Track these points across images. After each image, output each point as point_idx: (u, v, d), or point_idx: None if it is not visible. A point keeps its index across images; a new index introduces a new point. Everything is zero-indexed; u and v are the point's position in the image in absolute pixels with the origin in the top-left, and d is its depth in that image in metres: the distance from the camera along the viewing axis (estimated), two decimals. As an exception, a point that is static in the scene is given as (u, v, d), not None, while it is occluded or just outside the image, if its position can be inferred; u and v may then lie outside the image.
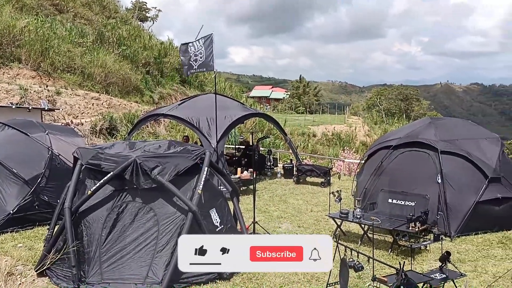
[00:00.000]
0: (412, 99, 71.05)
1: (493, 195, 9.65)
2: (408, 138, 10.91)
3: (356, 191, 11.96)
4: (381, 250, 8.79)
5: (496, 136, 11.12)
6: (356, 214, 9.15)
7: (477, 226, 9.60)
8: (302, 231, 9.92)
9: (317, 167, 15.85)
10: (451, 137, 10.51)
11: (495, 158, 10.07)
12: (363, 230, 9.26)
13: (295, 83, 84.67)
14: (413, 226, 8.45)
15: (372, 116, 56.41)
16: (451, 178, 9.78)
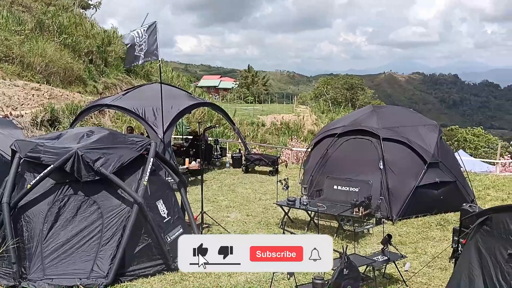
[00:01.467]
0: (357, 88, 72.96)
1: (431, 180, 10.10)
2: (352, 126, 11.21)
3: (303, 178, 12.17)
4: (327, 235, 9.00)
5: (434, 123, 11.63)
6: (302, 201, 9.33)
7: (417, 209, 10.03)
8: (251, 220, 9.99)
9: (266, 156, 15.99)
10: (392, 124, 10.90)
11: (433, 144, 10.54)
12: (310, 217, 9.46)
13: (243, 73, 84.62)
14: (357, 211, 8.73)
15: (320, 105, 57.45)
16: (392, 164, 10.15)
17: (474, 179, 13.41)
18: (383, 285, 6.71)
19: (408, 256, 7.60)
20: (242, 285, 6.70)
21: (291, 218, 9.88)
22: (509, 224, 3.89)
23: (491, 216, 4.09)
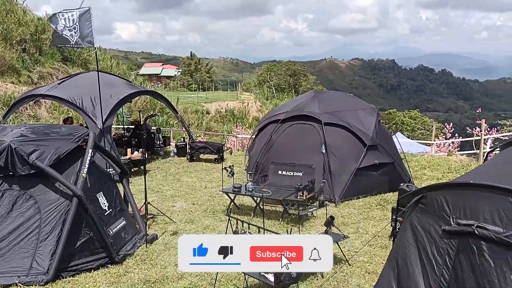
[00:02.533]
0: (300, 75, 73.98)
1: (371, 162, 10.46)
2: (294, 112, 11.36)
3: (248, 165, 12.23)
4: (273, 220, 9.13)
5: (373, 107, 12.00)
6: (248, 187, 9.37)
7: (358, 190, 10.36)
8: (197, 208, 9.93)
9: (210, 144, 15.90)
10: (333, 109, 11.15)
11: (372, 127, 10.89)
12: (256, 203, 9.53)
13: (186, 60, 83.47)
14: (301, 195, 8.88)
15: (264, 92, 57.81)
16: (334, 147, 10.40)
17: (411, 159, 14.03)
18: (327, 266, 6.87)
19: (350, 236, 7.84)
20: (190, 274, 6.65)
21: (237, 204, 9.91)
22: (442, 201, 4.07)
23: (426, 195, 4.27)
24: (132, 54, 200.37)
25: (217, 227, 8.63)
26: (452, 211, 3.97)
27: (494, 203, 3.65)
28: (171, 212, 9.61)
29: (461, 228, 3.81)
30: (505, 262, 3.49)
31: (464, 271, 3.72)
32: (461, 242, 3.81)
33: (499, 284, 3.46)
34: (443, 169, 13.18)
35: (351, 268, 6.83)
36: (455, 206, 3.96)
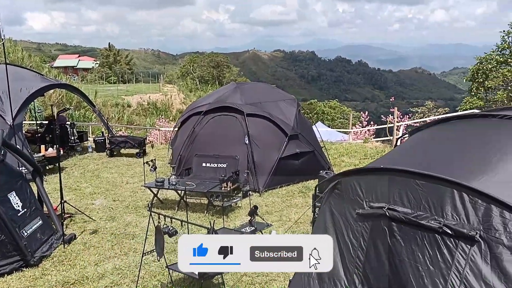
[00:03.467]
0: (223, 66, 73.84)
1: (292, 151, 10.71)
2: (217, 103, 11.33)
3: (172, 158, 12.04)
4: (198, 212, 9.08)
5: (293, 97, 12.28)
6: (171, 181, 9.23)
7: (281, 179, 10.58)
8: (118, 205, 9.63)
9: (131, 138, 15.44)
10: (255, 100, 11.26)
11: (293, 117, 11.14)
12: (180, 196, 9.42)
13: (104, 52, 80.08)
14: (225, 186, 8.90)
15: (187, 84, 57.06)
16: (256, 138, 10.52)
17: (330, 147, 14.54)
18: (252, 255, 6.97)
19: (274, 224, 8.00)
20: (111, 273, 6.46)
21: (160, 199, 9.73)
22: (356, 186, 4.25)
23: (341, 181, 4.43)
24: (45, 46, 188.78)
25: (140, 223, 8.43)
26: (365, 195, 4.15)
27: (402, 185, 3.86)
28: (90, 210, 9.24)
29: (373, 211, 4.00)
30: (414, 241, 3.71)
31: (377, 251, 3.92)
32: (374, 224, 4.01)
33: (409, 262, 3.68)
34: (360, 156, 13.81)
35: (275, 256, 6.96)
36: (368, 190, 4.15)
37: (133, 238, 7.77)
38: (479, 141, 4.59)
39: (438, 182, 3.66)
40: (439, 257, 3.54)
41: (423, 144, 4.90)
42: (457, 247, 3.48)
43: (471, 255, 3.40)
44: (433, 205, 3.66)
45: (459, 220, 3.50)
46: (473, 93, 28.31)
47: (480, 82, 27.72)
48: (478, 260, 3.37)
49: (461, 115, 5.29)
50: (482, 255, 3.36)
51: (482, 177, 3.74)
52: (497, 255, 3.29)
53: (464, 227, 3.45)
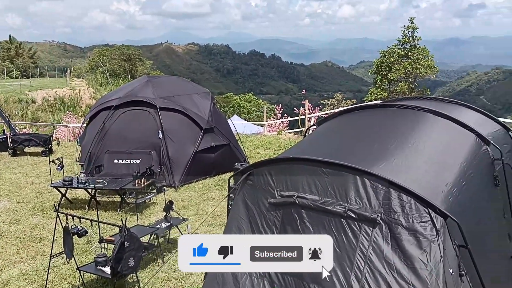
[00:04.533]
0: (135, 59, 71.54)
1: (208, 144, 10.68)
2: (128, 98, 10.97)
3: (81, 156, 11.49)
4: (111, 211, 8.78)
5: (206, 90, 12.23)
6: (80, 179, 8.82)
7: (197, 173, 10.52)
8: (23, 207, 9.03)
9: (36, 135, 14.50)
10: (168, 94, 11.06)
11: (207, 110, 11.10)
12: (90, 195, 9.03)
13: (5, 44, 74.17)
14: (139, 182, 8.67)
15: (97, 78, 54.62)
16: (171, 132, 10.36)
17: (246, 140, 14.72)
18: (168, 250, 6.90)
19: (190, 219, 7.94)
20: (17, 278, 6.07)
21: (69, 199, 9.26)
22: (267, 176, 4.36)
23: (253, 172, 4.52)
24: None
25: (47, 225, 7.98)
26: (276, 185, 4.26)
27: (310, 174, 4.02)
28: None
29: (284, 199, 4.12)
30: (322, 226, 3.88)
31: (288, 238, 4.04)
32: (285, 213, 4.13)
33: (318, 246, 3.84)
34: (274, 147, 14.12)
35: (191, 250, 6.93)
36: (278, 180, 4.26)
37: (40, 241, 7.35)
38: (379, 129, 4.90)
39: (342, 169, 3.85)
40: (345, 240, 3.74)
41: (329, 133, 5.13)
42: (361, 230, 3.70)
43: (373, 237, 3.63)
44: (338, 191, 3.85)
45: (362, 204, 3.72)
46: (377, 85, 30.09)
47: (384, 74, 29.53)
48: (380, 241, 3.60)
49: (364, 106, 5.60)
50: (384, 236, 3.60)
51: (382, 163, 4.00)
52: (397, 236, 3.54)
53: (367, 211, 3.67)
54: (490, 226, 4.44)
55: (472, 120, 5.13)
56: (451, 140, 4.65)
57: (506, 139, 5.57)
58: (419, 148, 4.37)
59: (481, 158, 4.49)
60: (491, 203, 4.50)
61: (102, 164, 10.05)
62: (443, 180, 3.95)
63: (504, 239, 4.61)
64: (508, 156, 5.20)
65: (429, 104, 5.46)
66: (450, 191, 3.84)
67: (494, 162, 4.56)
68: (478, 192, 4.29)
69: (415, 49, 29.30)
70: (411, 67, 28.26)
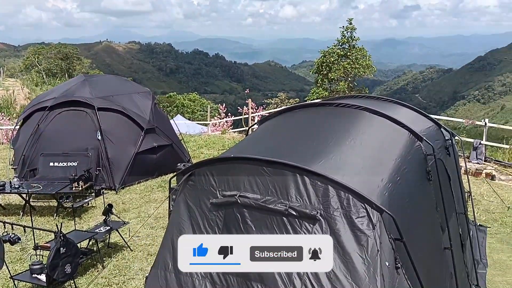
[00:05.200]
0: (73, 58, 68.79)
1: (149, 145, 10.47)
2: (63, 98, 10.52)
3: (14, 159, 10.90)
4: (47, 216, 8.42)
5: (147, 90, 11.97)
6: (13, 184, 8.39)
7: (139, 175, 10.30)
8: None
9: (-37, 138, 13.62)
10: (106, 93, 10.72)
11: (148, 110, 10.87)
12: (24, 200, 8.59)
13: None
14: (76, 186, 8.36)
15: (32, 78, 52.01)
16: (110, 133, 10.05)
17: (189, 140, 14.56)
18: (108, 255, 6.70)
19: (131, 221, 7.77)
20: None
21: (2, 205, 8.77)
22: (209, 176, 4.30)
23: (195, 172, 4.45)
24: None
25: (-24, 234, 7.49)
26: (218, 185, 4.22)
27: (251, 173, 4.01)
28: None
29: (226, 199, 4.09)
30: (264, 225, 3.89)
31: (231, 238, 4.02)
32: (227, 213, 4.10)
33: (260, 245, 3.85)
34: (218, 147, 14.07)
35: (133, 253, 6.78)
36: (220, 180, 4.23)
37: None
38: (318, 128, 4.98)
39: (283, 168, 3.87)
40: (287, 238, 3.76)
41: (270, 132, 5.16)
42: (302, 227, 3.73)
43: (314, 233, 3.68)
44: (279, 189, 3.87)
45: (302, 201, 3.76)
46: (318, 84, 30.76)
47: (324, 74, 30.22)
48: (320, 237, 3.65)
49: (304, 105, 5.68)
50: (323, 232, 3.65)
51: (321, 161, 4.06)
52: (336, 231, 3.60)
53: (307, 208, 3.71)
54: (424, 219, 4.62)
55: (406, 117, 5.34)
56: (387, 137, 4.80)
57: (438, 135, 5.85)
58: (356, 145, 4.49)
59: (414, 154, 4.67)
60: (425, 197, 4.69)
61: (37, 167, 9.60)
62: (379, 175, 4.07)
63: (437, 231, 4.82)
64: (440, 152, 5.46)
65: (366, 103, 5.62)
66: (386, 186, 3.96)
67: (426, 157, 4.76)
68: (412, 186, 4.46)
69: (354, 49, 30.20)
70: (350, 67, 29.10)
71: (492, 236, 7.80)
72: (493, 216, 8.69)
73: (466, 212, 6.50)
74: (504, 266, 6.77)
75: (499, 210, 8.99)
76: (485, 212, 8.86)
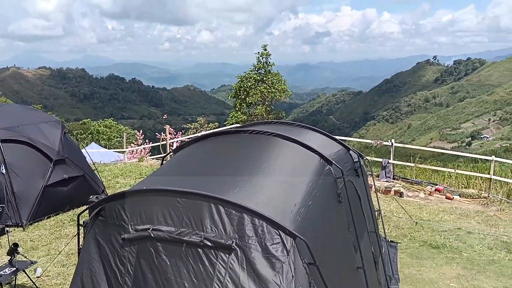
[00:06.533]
0: (-24, 85, 64.20)
1: (60, 177, 9.92)
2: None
3: None
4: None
5: (56, 119, 11.40)
6: None
7: (49, 209, 9.70)
8: None
9: None
10: (11, 124, 10.03)
11: (58, 140, 10.32)
12: None
13: None
14: (-24, 225, 7.68)
15: None
16: (15, 166, 9.41)
17: (104, 169, 14.00)
18: (12, 300, 6.17)
19: (40, 260, 7.27)
20: None
21: None
22: (120, 210, 4.14)
23: (105, 206, 4.26)
24: None
25: None
26: (130, 219, 4.07)
27: (165, 205, 3.92)
28: None
29: (138, 233, 3.95)
30: (179, 258, 3.80)
31: (144, 274, 3.88)
32: (140, 247, 3.96)
33: (175, 279, 3.75)
34: (135, 175, 13.66)
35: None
36: (132, 213, 4.08)
37: None
38: (233, 155, 5.02)
39: (197, 198, 3.83)
40: (202, 270, 3.70)
41: (184, 161, 5.10)
42: (217, 258, 3.69)
43: (229, 263, 3.65)
44: (194, 220, 3.82)
45: (217, 231, 3.73)
46: (237, 109, 31.11)
47: (242, 98, 30.68)
48: (236, 267, 3.63)
49: (218, 132, 5.70)
50: (239, 262, 3.64)
51: (236, 189, 4.08)
52: (251, 260, 3.61)
53: (222, 238, 3.69)
54: (337, 240, 4.78)
55: (316, 142, 5.54)
56: (298, 162, 4.94)
57: (347, 158, 6.13)
58: (269, 171, 4.56)
59: (325, 178, 4.84)
60: (336, 219, 4.86)
61: None
62: (292, 201, 4.16)
63: (350, 251, 4.99)
64: (349, 174, 5.71)
65: (279, 129, 5.77)
66: (299, 211, 4.05)
67: (336, 180, 4.95)
68: (324, 209, 4.60)
69: (270, 74, 31.02)
70: (266, 91, 29.81)
71: (402, 251, 8.24)
72: (402, 231, 9.20)
73: (377, 230, 6.81)
74: (415, 280, 7.16)
75: (408, 226, 9.54)
76: (395, 228, 9.36)
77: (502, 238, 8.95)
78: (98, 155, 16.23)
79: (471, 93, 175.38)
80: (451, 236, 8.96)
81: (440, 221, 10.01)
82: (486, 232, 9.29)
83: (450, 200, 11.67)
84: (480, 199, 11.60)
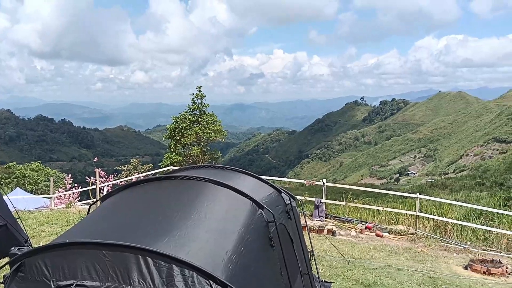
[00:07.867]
0: None
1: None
2: None
3: None
4: None
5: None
6: None
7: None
8: None
9: None
10: None
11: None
12: None
13: None
14: None
15: None
16: None
17: (28, 217, 13.18)
18: None
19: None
20: None
21: None
22: (41, 266, 3.90)
23: (24, 262, 4.00)
24: None
25: None
26: (52, 274, 3.85)
27: (90, 258, 3.75)
28: None
29: (61, 290, 3.74)
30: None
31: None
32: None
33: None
34: (62, 223, 12.95)
35: None
36: (54, 268, 3.86)
37: None
38: (163, 202, 4.93)
39: (123, 250, 3.70)
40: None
41: (111, 210, 4.93)
42: (147, 312, 3.55)
43: (159, 317, 3.52)
44: (120, 273, 3.67)
45: (145, 284, 3.60)
46: (172, 150, 30.74)
47: (177, 139, 30.41)
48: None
49: (148, 179, 5.59)
50: (169, 315, 3.52)
51: (166, 238, 3.99)
52: (181, 313, 3.50)
53: (150, 291, 3.56)
54: (270, 285, 4.76)
55: (248, 186, 5.58)
56: (230, 207, 4.93)
57: (279, 201, 6.20)
58: (201, 218, 4.51)
59: (256, 223, 4.85)
60: (269, 264, 4.85)
61: None
62: (223, 248, 4.12)
63: (283, 295, 4.99)
64: (281, 217, 5.77)
65: (211, 173, 5.77)
66: (230, 259, 4.01)
67: (268, 224, 4.98)
68: (256, 255, 4.59)
69: (205, 115, 31.13)
70: (202, 132, 29.81)
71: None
72: (336, 271, 9.33)
73: (310, 271, 6.87)
74: (349, 319, 7.24)
75: (341, 265, 9.71)
76: (328, 268, 9.48)
77: (429, 274, 9.32)
78: (23, 201, 15.28)
79: (397, 131, 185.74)
80: (382, 274, 9.20)
81: (371, 258, 10.28)
82: (414, 268, 9.64)
83: (380, 238, 12.07)
84: (408, 236, 12.09)
